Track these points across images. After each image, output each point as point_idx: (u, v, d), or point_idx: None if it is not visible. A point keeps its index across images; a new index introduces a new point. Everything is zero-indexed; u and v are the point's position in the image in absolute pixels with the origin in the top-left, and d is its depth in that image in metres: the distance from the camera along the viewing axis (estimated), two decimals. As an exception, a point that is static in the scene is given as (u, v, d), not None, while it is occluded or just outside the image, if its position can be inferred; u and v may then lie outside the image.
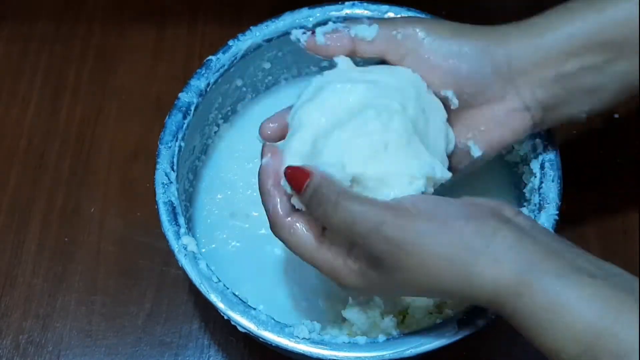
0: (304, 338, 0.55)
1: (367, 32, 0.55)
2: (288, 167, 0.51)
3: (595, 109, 0.55)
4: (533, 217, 0.58)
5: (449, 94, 0.55)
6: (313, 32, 0.56)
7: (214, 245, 0.66)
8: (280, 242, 0.65)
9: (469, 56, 0.54)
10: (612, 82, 0.54)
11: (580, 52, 0.53)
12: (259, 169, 0.54)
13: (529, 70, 0.54)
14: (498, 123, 0.55)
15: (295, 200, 0.52)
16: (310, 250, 0.52)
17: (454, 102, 0.55)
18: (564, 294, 0.44)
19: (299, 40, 0.57)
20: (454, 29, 0.55)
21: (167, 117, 0.63)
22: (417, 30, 0.54)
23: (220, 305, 0.56)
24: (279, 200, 0.53)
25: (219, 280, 0.57)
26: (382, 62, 0.56)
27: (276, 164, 0.53)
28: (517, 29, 0.55)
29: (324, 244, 0.51)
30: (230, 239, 0.66)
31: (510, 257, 0.46)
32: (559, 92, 0.54)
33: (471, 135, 0.56)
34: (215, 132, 0.70)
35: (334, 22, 0.57)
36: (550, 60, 0.53)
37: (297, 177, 0.51)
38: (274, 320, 0.56)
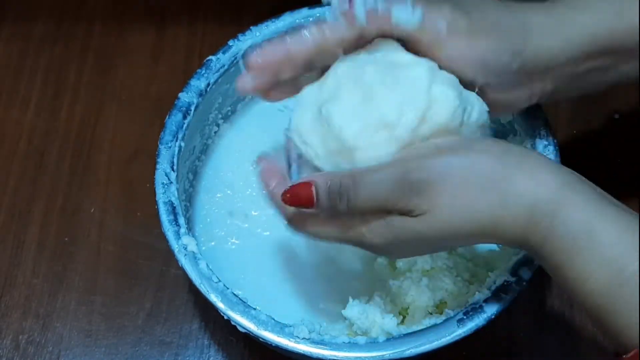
0: (304, 338, 0.55)
1: (409, 21, 0.51)
2: (285, 192, 0.50)
3: (578, 95, 0.57)
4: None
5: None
6: (351, 1, 0.50)
7: (213, 243, 0.66)
8: (279, 242, 0.66)
9: (500, 55, 0.52)
10: (610, 80, 0.55)
11: (596, 55, 0.53)
12: (259, 173, 0.54)
13: (550, 69, 0.54)
14: (498, 103, 0.54)
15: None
16: (336, 234, 0.51)
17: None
18: (599, 218, 0.44)
19: (329, 3, 0.51)
20: (486, 29, 0.53)
21: (167, 117, 0.63)
22: (460, 27, 0.51)
23: (220, 305, 0.56)
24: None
25: (219, 280, 0.57)
26: None
27: (276, 164, 0.53)
28: (547, 27, 0.53)
29: (348, 230, 0.50)
30: (229, 237, 0.66)
31: (545, 173, 0.46)
32: (564, 87, 0.55)
33: None
34: (215, 132, 0.70)
35: None
36: (571, 62, 0.53)
37: (299, 193, 0.50)
38: (274, 320, 0.56)
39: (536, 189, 0.46)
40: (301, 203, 0.50)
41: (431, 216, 0.47)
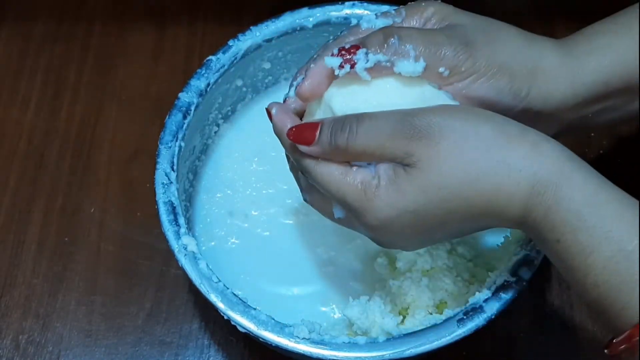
0: (304, 338, 0.55)
1: (412, 72, 0.50)
2: (291, 128, 0.50)
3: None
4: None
5: None
6: (353, 66, 0.50)
7: (213, 243, 0.66)
8: (280, 242, 0.66)
9: (503, 95, 0.51)
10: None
11: (610, 96, 0.53)
12: (274, 116, 0.53)
13: (557, 113, 0.53)
14: (479, 95, 0.52)
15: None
16: (337, 176, 0.49)
17: None
18: (603, 192, 0.44)
19: (332, 67, 0.51)
20: (486, 62, 0.51)
21: (167, 117, 0.63)
22: (463, 69, 0.50)
23: (220, 305, 0.56)
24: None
25: (219, 280, 0.57)
26: None
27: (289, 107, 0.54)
28: (556, 67, 0.52)
29: (351, 169, 0.49)
30: (229, 237, 0.66)
31: (548, 146, 0.45)
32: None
33: None
34: (215, 132, 0.70)
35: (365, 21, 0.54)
36: (581, 105, 0.53)
37: (304, 128, 0.50)
38: (274, 320, 0.56)
39: (540, 159, 0.45)
40: (302, 137, 0.50)
41: (430, 167, 0.46)
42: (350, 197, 0.49)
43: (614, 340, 0.43)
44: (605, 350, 0.45)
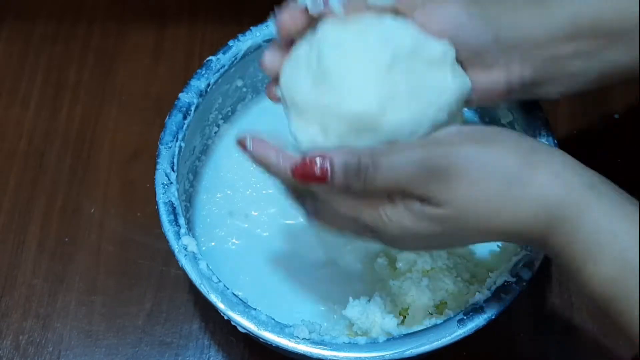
0: (304, 338, 0.55)
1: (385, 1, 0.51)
2: (295, 168, 0.48)
3: (573, 90, 0.54)
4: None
5: None
6: (326, 1, 0.51)
7: (213, 244, 0.66)
8: (280, 242, 0.66)
9: (476, 23, 0.51)
10: (598, 68, 0.53)
11: (578, 37, 0.52)
12: (251, 150, 0.50)
13: (529, 48, 0.52)
14: (476, 84, 0.53)
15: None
16: (350, 202, 0.49)
17: None
18: (624, 222, 0.44)
19: (305, 5, 0.51)
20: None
21: (167, 117, 0.63)
22: None
23: (221, 305, 0.56)
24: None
25: (219, 281, 0.57)
26: None
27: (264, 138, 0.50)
28: (520, 4, 0.53)
29: (362, 202, 0.48)
30: (229, 237, 0.66)
31: (572, 177, 0.45)
32: (546, 73, 0.53)
33: None
34: (215, 133, 0.70)
35: None
36: (551, 41, 0.52)
37: (312, 168, 0.47)
38: (274, 320, 0.56)
39: (560, 190, 0.45)
40: (314, 179, 0.47)
41: (450, 206, 0.46)
42: (367, 220, 0.49)
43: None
44: None
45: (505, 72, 0.53)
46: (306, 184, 0.48)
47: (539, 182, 0.45)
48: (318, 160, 0.47)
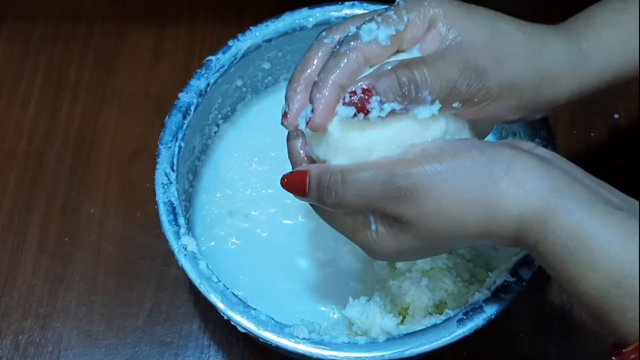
0: (304, 338, 0.55)
1: (428, 113, 0.49)
2: (283, 177, 0.51)
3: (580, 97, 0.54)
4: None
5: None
6: (366, 115, 0.48)
7: (213, 243, 0.66)
8: (279, 242, 0.66)
9: (511, 110, 0.51)
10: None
11: (610, 84, 0.53)
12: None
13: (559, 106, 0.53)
14: (488, 116, 0.52)
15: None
16: (339, 218, 0.51)
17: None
18: (589, 222, 0.44)
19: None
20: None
21: (167, 117, 0.63)
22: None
23: (220, 305, 0.56)
24: None
25: (219, 281, 0.57)
26: None
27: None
28: (563, 61, 0.52)
29: (350, 220, 0.51)
30: (229, 237, 0.66)
31: (534, 180, 0.45)
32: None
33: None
34: (215, 132, 0.70)
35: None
36: (582, 98, 0.53)
37: (294, 180, 0.51)
38: (274, 320, 0.56)
39: (524, 198, 0.45)
40: (295, 190, 0.51)
41: (421, 224, 0.47)
42: (357, 240, 0.51)
43: (624, 350, 0.44)
44: (613, 358, 0.45)
45: (516, 102, 0.51)
46: (295, 195, 0.52)
47: (502, 195, 0.46)
48: (298, 174, 0.51)
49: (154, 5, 0.84)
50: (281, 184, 0.51)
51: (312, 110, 0.49)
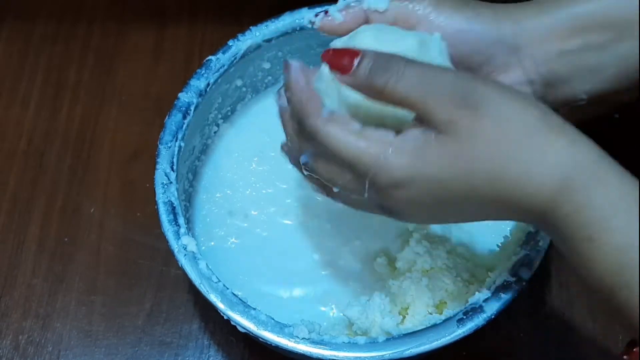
0: (304, 338, 0.55)
1: (380, 3, 0.54)
2: (328, 50, 0.49)
3: (597, 88, 0.55)
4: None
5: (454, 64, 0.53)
6: (326, 12, 0.55)
7: (212, 243, 0.66)
8: (279, 242, 0.66)
9: (475, 26, 0.53)
10: (614, 62, 0.54)
11: (584, 30, 0.53)
12: (290, 73, 0.52)
13: (533, 43, 0.54)
14: None
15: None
16: (348, 135, 0.47)
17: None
18: (631, 190, 0.44)
19: (312, 23, 0.56)
20: (462, 5, 0.54)
21: (167, 117, 0.63)
22: (426, 2, 0.54)
23: (220, 305, 0.56)
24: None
25: (219, 280, 0.57)
26: None
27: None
28: (524, 5, 0.55)
29: (367, 128, 0.47)
30: (229, 236, 0.66)
31: (588, 145, 0.45)
32: (561, 69, 0.54)
33: None
34: (215, 132, 0.70)
35: None
36: (554, 36, 0.53)
37: (342, 54, 0.48)
38: (273, 320, 0.56)
39: (577, 156, 0.44)
40: (339, 63, 0.48)
41: (470, 138, 0.45)
42: (364, 154, 0.47)
43: (634, 349, 0.44)
44: (625, 357, 0.45)
45: (521, 69, 0.54)
46: (333, 71, 0.48)
47: (556, 143, 0.45)
48: (349, 50, 0.48)
49: (154, 5, 0.84)
50: (323, 56, 0.49)
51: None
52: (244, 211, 0.67)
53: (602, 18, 0.53)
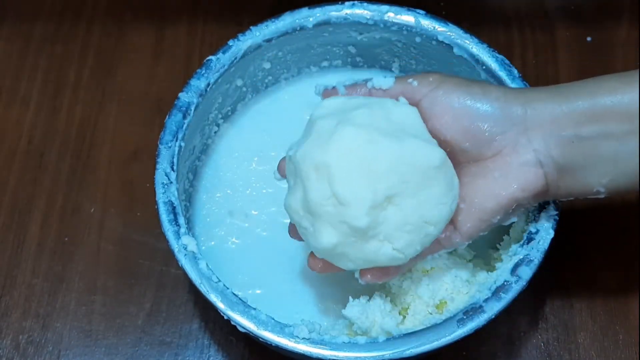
0: (304, 338, 0.55)
1: (383, 82, 0.57)
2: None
3: (616, 183, 0.52)
4: (533, 218, 0.59)
5: (459, 141, 0.54)
6: (334, 88, 0.59)
7: (213, 243, 0.66)
8: (279, 242, 0.66)
9: (483, 104, 0.53)
10: (632, 156, 0.51)
11: (603, 117, 0.51)
12: None
13: (545, 124, 0.52)
14: (508, 175, 0.53)
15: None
16: None
17: (464, 147, 0.54)
18: None
19: (318, 90, 0.60)
20: (469, 84, 0.54)
21: (167, 117, 0.63)
22: (431, 79, 0.55)
23: (220, 305, 0.56)
24: None
25: (219, 280, 0.57)
26: None
27: None
28: (537, 89, 0.54)
29: None
30: (229, 236, 0.66)
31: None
32: (575, 155, 0.52)
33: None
34: (215, 132, 0.70)
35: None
36: (568, 119, 0.52)
37: None
38: (274, 320, 0.56)
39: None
40: None
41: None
42: None
43: None
44: None
45: (531, 150, 0.53)
46: None
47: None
48: None
49: (154, 5, 0.84)
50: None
51: None
52: (244, 211, 0.67)
53: (624, 109, 0.51)
